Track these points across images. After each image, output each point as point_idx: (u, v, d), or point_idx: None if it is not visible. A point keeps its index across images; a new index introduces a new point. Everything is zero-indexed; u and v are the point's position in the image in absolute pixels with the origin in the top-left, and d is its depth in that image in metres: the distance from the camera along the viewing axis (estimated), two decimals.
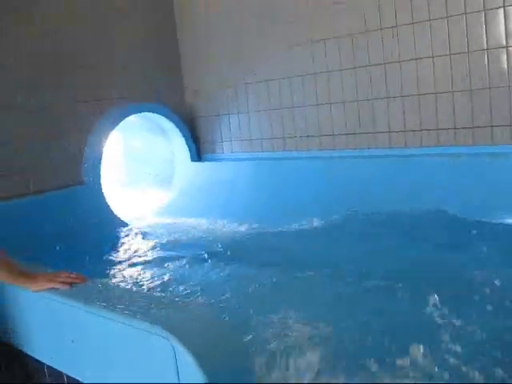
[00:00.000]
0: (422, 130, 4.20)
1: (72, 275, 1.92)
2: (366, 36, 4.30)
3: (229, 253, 3.98)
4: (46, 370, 2.04)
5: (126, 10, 5.20)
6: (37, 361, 2.08)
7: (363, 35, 4.31)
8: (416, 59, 4.09)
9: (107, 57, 5.00)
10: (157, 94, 5.44)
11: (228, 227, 4.76)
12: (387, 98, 4.32)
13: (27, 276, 1.92)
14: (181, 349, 1.37)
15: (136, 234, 4.92)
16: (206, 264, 3.87)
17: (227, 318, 1.49)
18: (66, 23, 4.67)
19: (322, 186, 4.53)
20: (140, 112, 5.36)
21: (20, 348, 2.17)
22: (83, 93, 4.79)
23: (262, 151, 5.26)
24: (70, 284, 1.88)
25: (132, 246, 4.59)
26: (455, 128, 4.03)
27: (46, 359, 2.03)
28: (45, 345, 2.04)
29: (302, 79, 4.80)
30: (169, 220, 5.24)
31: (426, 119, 4.15)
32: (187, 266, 3.83)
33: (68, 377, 1.91)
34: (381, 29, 4.21)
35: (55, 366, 1.98)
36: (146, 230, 5.02)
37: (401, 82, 4.20)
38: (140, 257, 4.27)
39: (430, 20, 3.95)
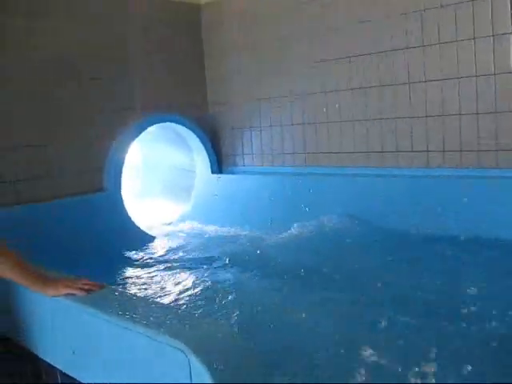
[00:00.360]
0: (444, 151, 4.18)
1: (90, 282, 1.92)
2: (392, 55, 4.30)
3: (247, 263, 3.98)
4: (58, 375, 2.04)
5: (151, 22, 5.25)
6: (49, 365, 2.08)
7: (390, 54, 4.31)
8: (442, 80, 4.08)
9: (131, 68, 5.04)
10: (180, 106, 5.47)
11: (246, 239, 4.74)
12: (411, 117, 4.30)
13: (45, 280, 1.92)
14: (196, 362, 1.36)
15: (154, 243, 4.93)
16: (222, 274, 3.86)
17: (244, 333, 1.47)
18: (90, 35, 4.72)
19: (343, 202, 4.51)
20: (162, 122, 5.39)
21: (33, 351, 2.17)
22: (107, 103, 4.83)
23: (284, 165, 5.25)
24: (88, 291, 1.88)
25: (149, 254, 4.60)
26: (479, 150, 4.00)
27: (59, 364, 2.03)
28: (58, 350, 2.04)
29: (325, 95, 4.79)
30: (187, 230, 5.25)
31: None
32: (204, 276, 3.82)
33: (80, 383, 1.91)
34: (407, 48, 4.21)
35: (68, 372, 1.97)
36: (164, 239, 5.03)
37: (425, 101, 4.19)
38: (157, 265, 4.27)
39: (457, 41, 3.95)
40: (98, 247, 4.27)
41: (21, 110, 4.25)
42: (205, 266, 4.07)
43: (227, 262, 4.12)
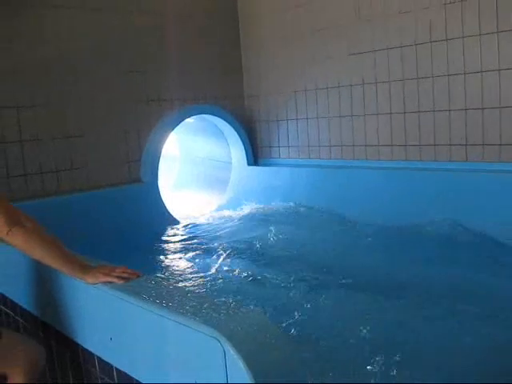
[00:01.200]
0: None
1: (128, 270, 1.94)
2: (431, 46, 4.22)
3: (282, 257, 3.98)
4: (96, 361, 2.08)
5: (189, 13, 5.27)
6: (87, 351, 2.12)
7: (429, 45, 4.23)
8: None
9: (169, 59, 5.08)
10: (217, 97, 5.49)
11: (279, 232, 4.73)
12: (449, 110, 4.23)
13: (84, 268, 1.95)
14: (231, 351, 1.36)
15: (189, 233, 4.97)
16: (258, 265, 3.87)
17: (279, 324, 1.48)
18: (128, 26, 4.78)
19: (381, 195, 4.47)
20: (199, 114, 5.42)
21: (72, 337, 2.21)
22: (144, 94, 4.89)
23: (320, 158, 5.22)
24: (125, 279, 1.91)
25: (185, 244, 4.64)
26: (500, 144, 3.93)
27: (97, 350, 2.07)
28: (96, 336, 2.07)
29: (363, 88, 4.74)
30: (223, 221, 5.27)
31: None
32: (240, 266, 3.84)
33: (117, 369, 1.94)
34: (446, 39, 4.13)
35: (105, 358, 2.01)
36: (200, 230, 5.06)
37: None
38: (193, 255, 4.30)
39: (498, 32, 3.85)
40: (135, 237, 4.33)
41: (59, 101, 4.33)
42: (241, 257, 4.09)
43: (263, 253, 4.13)
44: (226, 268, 3.86)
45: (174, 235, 4.86)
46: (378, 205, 4.46)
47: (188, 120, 5.39)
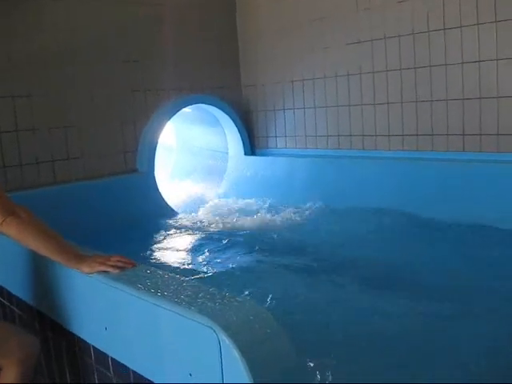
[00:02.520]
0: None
1: (123, 259, 1.94)
2: (429, 36, 4.20)
3: (279, 247, 3.98)
4: (91, 351, 2.08)
5: (186, 3, 5.23)
6: (83, 340, 2.12)
7: (427, 35, 4.21)
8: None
9: (166, 49, 5.05)
10: (214, 87, 5.47)
11: (277, 222, 4.73)
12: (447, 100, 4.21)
13: (79, 257, 1.94)
14: (226, 341, 1.36)
15: (186, 223, 4.96)
16: (254, 254, 3.87)
17: (275, 314, 1.47)
18: (125, 16, 4.75)
19: (376, 186, 4.46)
20: (195, 103, 5.40)
21: (67, 327, 2.21)
22: (141, 84, 4.86)
23: (317, 148, 5.21)
24: (121, 268, 1.90)
25: (182, 234, 4.64)
26: None
27: (92, 340, 2.07)
28: (91, 326, 2.07)
29: (360, 77, 4.73)
30: (219, 211, 5.26)
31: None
32: (236, 256, 3.84)
33: (112, 358, 1.94)
34: (444, 29, 4.10)
35: (100, 348, 2.01)
36: (196, 220, 5.06)
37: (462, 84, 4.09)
38: (189, 245, 4.31)
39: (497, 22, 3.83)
40: (131, 227, 4.33)
41: (55, 91, 4.31)
42: (237, 247, 4.08)
43: (258, 242, 4.12)
44: (222, 258, 3.86)
45: (170, 225, 4.85)
46: (376, 195, 4.45)
47: (185, 110, 5.37)
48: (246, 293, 2.93)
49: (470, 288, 2.90)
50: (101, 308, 1.97)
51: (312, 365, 2.10)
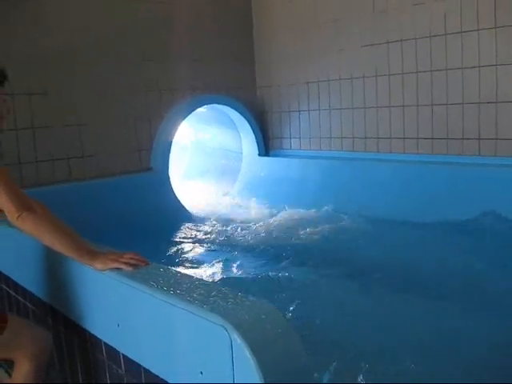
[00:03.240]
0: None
1: (136, 257, 1.94)
2: (446, 39, 4.17)
3: (290, 249, 3.96)
4: (103, 347, 2.08)
5: (201, 3, 5.24)
6: (94, 336, 2.13)
7: (444, 38, 4.18)
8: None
9: (182, 49, 5.07)
10: (229, 88, 5.47)
11: (290, 221, 4.72)
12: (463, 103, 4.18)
13: (93, 254, 1.95)
14: (238, 340, 1.36)
15: (199, 222, 4.97)
16: (265, 255, 3.87)
17: (287, 314, 1.47)
18: (143, 16, 4.78)
19: (391, 188, 4.44)
20: (211, 104, 5.41)
21: (80, 323, 2.22)
22: (156, 83, 4.88)
23: (331, 150, 5.20)
24: (134, 266, 1.90)
25: (195, 233, 4.65)
26: None
27: (104, 336, 2.08)
28: (103, 322, 2.08)
29: (376, 79, 4.71)
30: (232, 210, 5.27)
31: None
32: (249, 256, 3.84)
33: (124, 355, 1.94)
34: (461, 32, 4.07)
35: (112, 344, 2.01)
36: (210, 219, 5.07)
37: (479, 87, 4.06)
38: (202, 244, 4.32)
39: None
40: (145, 225, 4.34)
41: (71, 89, 4.33)
42: (250, 247, 4.09)
43: (271, 243, 4.12)
44: (235, 258, 3.86)
45: (183, 224, 4.87)
46: (389, 198, 4.43)
47: (200, 110, 5.38)
48: (259, 293, 2.91)
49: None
50: (113, 305, 1.97)
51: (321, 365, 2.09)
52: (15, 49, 3.99)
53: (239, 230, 4.61)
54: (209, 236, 4.53)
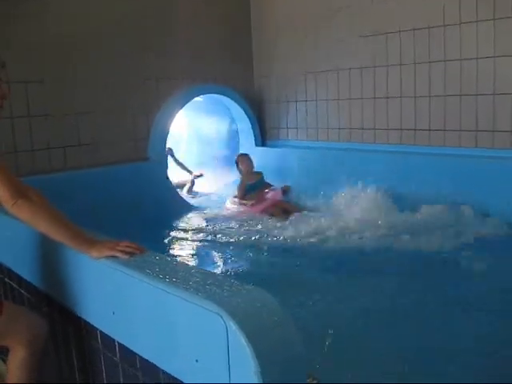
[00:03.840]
0: None
1: (132, 245, 1.94)
2: (445, 30, 4.16)
3: (285, 239, 3.97)
4: (98, 335, 2.08)
5: None
6: (90, 324, 2.13)
7: (443, 29, 4.17)
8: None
9: (180, 39, 5.05)
10: (226, 78, 5.45)
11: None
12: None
13: (89, 242, 1.94)
14: (233, 327, 1.36)
15: (195, 212, 4.97)
16: (262, 244, 3.87)
17: (283, 302, 1.47)
18: (142, 6, 4.76)
19: (388, 179, 4.44)
20: (208, 93, 5.39)
21: (75, 311, 2.22)
22: (152, 72, 4.85)
23: (328, 140, 5.19)
24: (130, 254, 1.90)
25: (190, 222, 4.65)
26: None
27: (99, 324, 2.07)
28: (98, 310, 2.07)
29: (374, 70, 4.70)
30: (228, 201, 5.27)
31: None
32: (245, 245, 3.84)
33: (119, 343, 1.94)
34: (460, 23, 4.06)
35: (107, 332, 2.01)
36: (205, 208, 5.07)
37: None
38: (197, 233, 4.32)
39: None
40: (141, 214, 4.33)
41: (67, 78, 4.31)
42: (245, 236, 4.08)
43: (265, 233, 4.12)
44: (230, 247, 3.87)
45: (180, 214, 4.86)
46: (386, 188, 4.42)
47: (196, 99, 5.36)
48: (255, 281, 2.91)
49: None
50: (108, 293, 1.97)
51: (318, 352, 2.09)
52: (13, 37, 3.96)
53: (235, 219, 4.61)
54: (205, 225, 4.53)
